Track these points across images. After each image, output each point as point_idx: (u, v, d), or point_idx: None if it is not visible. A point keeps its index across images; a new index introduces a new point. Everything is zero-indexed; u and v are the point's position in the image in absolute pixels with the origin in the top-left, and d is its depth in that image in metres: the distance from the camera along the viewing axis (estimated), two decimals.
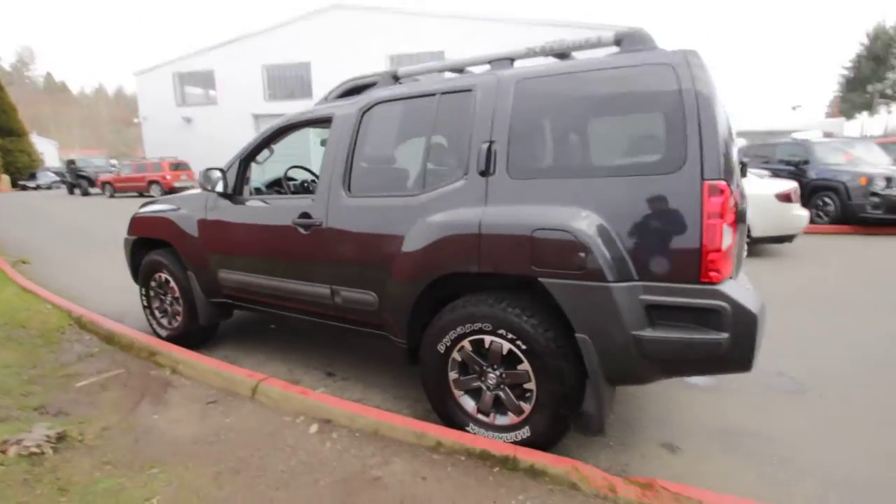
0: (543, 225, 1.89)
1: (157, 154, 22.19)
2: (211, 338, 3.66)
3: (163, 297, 3.60)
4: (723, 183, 1.71)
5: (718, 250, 1.72)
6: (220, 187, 2.96)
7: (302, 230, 2.65)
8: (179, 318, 3.48)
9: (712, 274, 1.73)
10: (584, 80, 1.99)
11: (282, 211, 2.77)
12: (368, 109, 2.54)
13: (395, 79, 2.67)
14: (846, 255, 6.76)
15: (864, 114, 36.19)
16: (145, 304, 3.68)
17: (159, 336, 3.58)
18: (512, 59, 2.31)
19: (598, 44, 2.12)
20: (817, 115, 36.66)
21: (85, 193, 23.05)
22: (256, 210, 2.95)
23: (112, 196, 20.98)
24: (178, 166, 20.53)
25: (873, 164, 8.83)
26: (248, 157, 3.06)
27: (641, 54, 1.93)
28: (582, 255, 1.82)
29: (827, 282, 5.33)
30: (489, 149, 2.09)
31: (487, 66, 2.40)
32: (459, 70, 2.55)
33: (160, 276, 3.52)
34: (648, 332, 1.80)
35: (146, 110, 25.78)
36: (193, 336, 3.48)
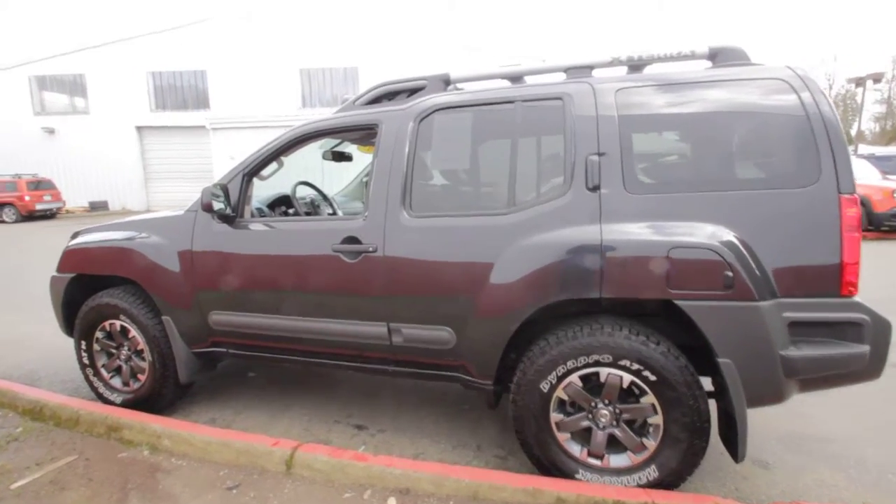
0: (681, 243, 1.74)
1: (8, 171, 18.40)
2: (181, 399, 2.91)
3: (114, 351, 2.79)
4: (856, 196, 1.72)
5: (856, 263, 1.71)
6: (219, 207, 2.36)
7: (347, 258, 2.19)
8: (144, 377, 2.71)
9: (851, 287, 1.71)
10: (695, 91, 1.90)
11: (315, 236, 2.28)
12: (427, 116, 2.20)
13: (446, 83, 2.36)
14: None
15: None
16: (86, 361, 2.82)
17: (109, 403, 2.76)
18: (591, 68, 2.15)
19: (691, 56, 2.06)
20: None
21: None
22: (272, 236, 2.40)
23: None
24: (40, 185, 17.26)
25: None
26: (252, 172, 2.49)
27: (752, 68, 1.90)
28: (728, 273, 1.69)
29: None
30: (601, 161, 1.89)
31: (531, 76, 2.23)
32: (519, 79, 2.33)
33: (112, 325, 2.72)
34: (794, 351, 1.73)
35: None
36: (163, 399, 2.73)
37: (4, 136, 20.87)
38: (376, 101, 2.47)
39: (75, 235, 2.93)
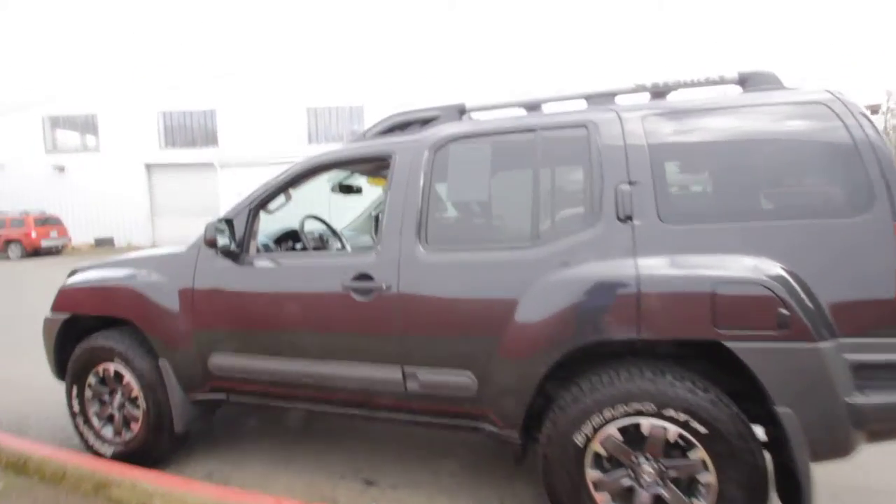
0: (729, 278, 1.58)
1: (18, 208, 18.58)
2: (177, 451, 2.69)
3: (106, 397, 2.60)
4: None
5: None
6: (223, 243, 2.23)
7: (358, 296, 2.04)
8: (136, 427, 2.51)
9: None
10: (730, 117, 1.79)
11: (324, 273, 2.14)
12: (443, 146, 2.10)
13: (461, 113, 2.28)
14: None
15: None
16: (77, 409, 2.63)
17: (99, 454, 2.55)
18: (613, 95, 2.06)
19: (720, 82, 1.97)
20: None
21: None
22: (278, 273, 2.26)
23: None
24: (47, 221, 17.35)
25: None
26: (258, 205, 2.38)
27: (787, 92, 1.80)
28: (783, 311, 1.53)
29: None
30: (632, 190, 1.76)
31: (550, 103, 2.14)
32: (536, 107, 2.24)
33: (106, 370, 2.55)
34: (861, 398, 1.54)
35: (4, 157, 21.76)
36: (157, 451, 2.52)
37: (17, 173, 21.25)
38: (388, 132, 2.38)
39: (72, 273, 2.80)
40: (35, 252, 16.70)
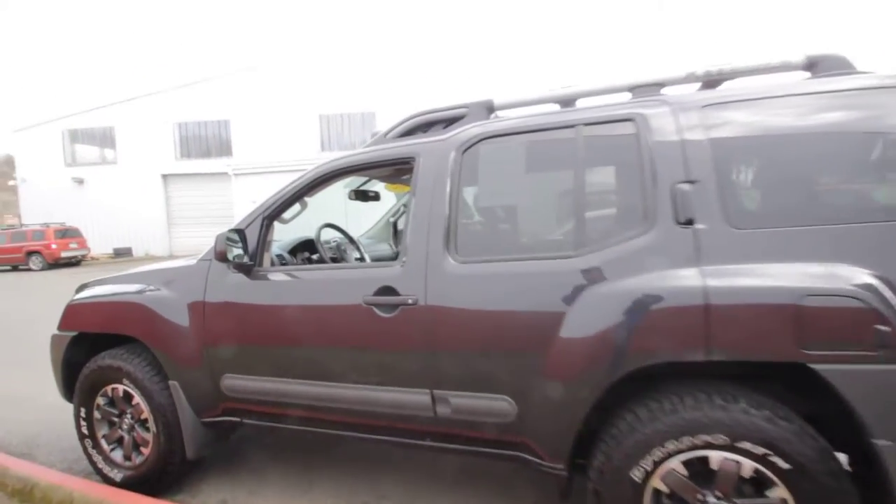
0: (816, 289, 1.36)
1: (39, 220, 18.94)
2: (189, 475, 2.54)
3: (116, 419, 2.46)
4: None
5: None
6: (235, 255, 2.08)
7: (381, 312, 1.86)
8: (147, 451, 2.36)
9: None
10: (803, 105, 1.57)
11: (344, 286, 1.97)
12: (472, 146, 1.91)
13: (490, 111, 2.09)
14: None
15: None
16: (85, 431, 2.49)
17: (109, 480, 2.40)
18: (661, 85, 1.86)
19: (784, 68, 1.75)
20: None
21: None
22: (294, 287, 2.09)
23: None
24: (67, 233, 17.63)
25: None
26: (273, 215, 2.22)
27: (866, 77, 1.58)
28: (882, 328, 1.30)
29: None
30: (693, 190, 1.56)
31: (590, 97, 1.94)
32: (570, 102, 2.04)
33: (115, 391, 2.41)
34: None
35: (26, 171, 22.27)
36: (168, 476, 2.37)
37: (38, 187, 21.71)
38: (410, 133, 2.21)
39: (80, 288, 2.67)
40: (56, 263, 16.95)
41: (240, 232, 2.10)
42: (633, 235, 1.61)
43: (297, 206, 2.28)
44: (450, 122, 2.15)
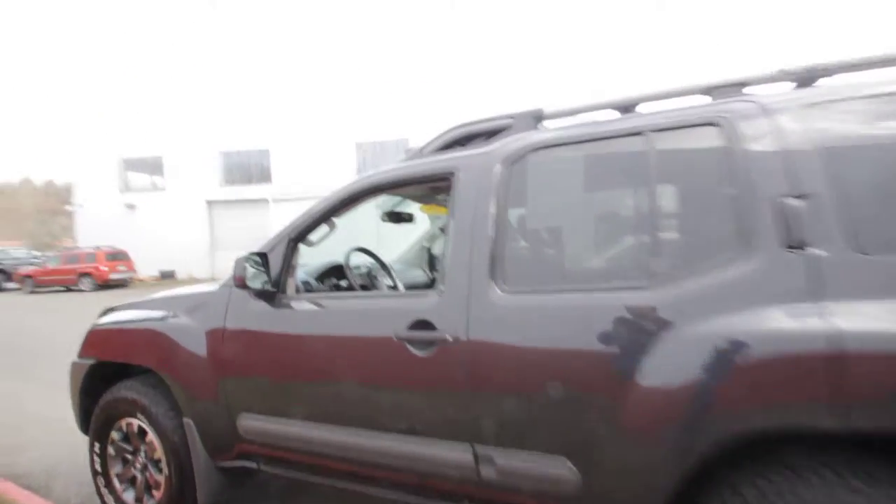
0: None
1: (93, 243, 19.97)
2: None
3: (130, 457, 2.28)
4: None
5: None
6: (258, 282, 1.89)
7: (415, 349, 1.61)
8: (159, 494, 2.16)
9: None
10: None
11: (373, 319, 1.73)
12: (520, 159, 1.67)
13: (538, 120, 1.85)
14: None
15: None
16: (99, 468, 2.33)
17: None
18: (743, 85, 1.57)
19: (890, 62, 1.44)
20: None
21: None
22: (319, 318, 1.87)
23: (32, 292, 18.22)
24: (116, 256, 18.44)
25: None
26: (299, 237, 2.03)
27: None
28: None
29: None
30: (804, 206, 1.25)
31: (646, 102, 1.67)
32: (630, 108, 1.78)
33: (129, 425, 2.24)
34: None
35: (83, 197, 23.71)
36: None
37: (93, 211, 23.01)
38: (449, 148, 2.00)
39: (104, 313, 2.56)
40: (105, 284, 17.69)
41: (262, 256, 1.92)
42: (725, 262, 1.30)
43: (325, 228, 2.09)
44: (492, 134, 1.93)
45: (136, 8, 23.07)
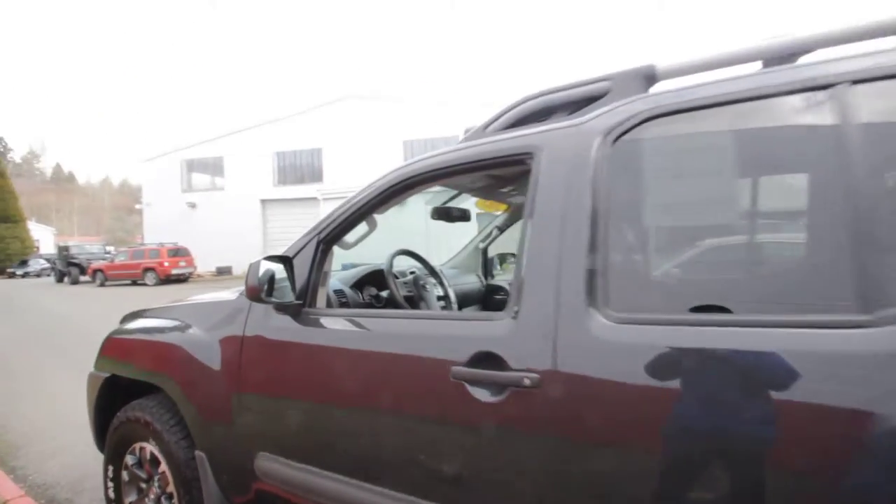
0: None
1: (158, 240, 21.13)
2: None
3: (144, 485, 1.99)
4: None
5: None
6: (278, 293, 1.51)
7: (479, 391, 1.16)
8: None
9: None
10: None
11: (419, 345, 1.31)
12: (629, 131, 1.18)
13: (649, 81, 1.34)
14: None
15: None
16: (112, 495, 2.06)
17: None
18: None
19: None
20: None
21: (74, 282, 21.60)
22: (351, 338, 1.47)
23: (102, 284, 19.48)
24: (178, 252, 19.37)
25: None
26: (331, 237, 1.64)
27: None
28: None
29: None
30: None
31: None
32: (785, 59, 1.23)
33: (143, 450, 1.95)
34: None
35: (150, 196, 25.23)
36: None
37: (159, 210, 24.42)
38: (519, 124, 1.53)
39: (125, 319, 2.31)
40: (167, 279, 18.59)
41: (285, 260, 1.54)
42: None
43: (363, 226, 1.69)
44: (579, 105, 1.44)
45: (195, 22, 24.25)
